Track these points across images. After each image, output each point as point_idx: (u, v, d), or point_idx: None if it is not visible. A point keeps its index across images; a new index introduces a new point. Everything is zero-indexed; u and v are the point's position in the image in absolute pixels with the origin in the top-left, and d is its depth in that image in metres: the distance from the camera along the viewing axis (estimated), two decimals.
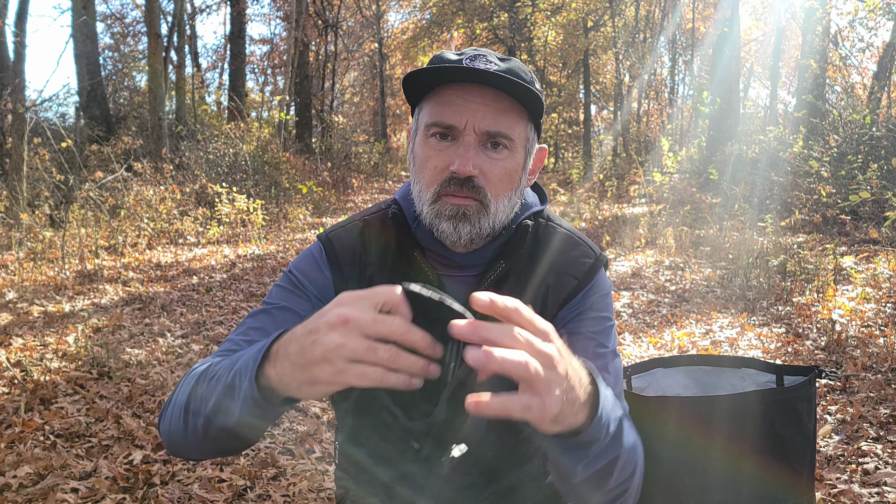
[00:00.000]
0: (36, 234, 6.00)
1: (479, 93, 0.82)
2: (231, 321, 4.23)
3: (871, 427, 2.59)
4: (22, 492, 2.10)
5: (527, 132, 0.87)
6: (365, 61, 25.78)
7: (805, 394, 1.13)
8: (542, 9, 17.65)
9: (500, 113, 0.83)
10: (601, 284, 0.94)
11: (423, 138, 0.86)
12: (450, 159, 0.83)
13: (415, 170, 0.89)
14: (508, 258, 0.90)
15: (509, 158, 0.85)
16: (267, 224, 8.37)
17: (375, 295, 0.57)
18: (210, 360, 0.81)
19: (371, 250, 0.93)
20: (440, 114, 0.83)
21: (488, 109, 0.82)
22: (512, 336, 0.54)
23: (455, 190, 0.83)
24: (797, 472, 1.12)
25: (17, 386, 2.91)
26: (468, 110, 0.82)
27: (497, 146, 0.84)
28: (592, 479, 0.70)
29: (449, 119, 0.82)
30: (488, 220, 0.86)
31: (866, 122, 7.59)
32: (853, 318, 3.99)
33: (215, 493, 2.17)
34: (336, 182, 12.91)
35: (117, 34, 18.68)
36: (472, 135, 0.82)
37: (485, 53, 0.85)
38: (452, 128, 0.83)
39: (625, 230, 7.87)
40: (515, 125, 0.85)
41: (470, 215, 0.84)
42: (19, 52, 7.83)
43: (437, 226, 0.86)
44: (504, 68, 0.83)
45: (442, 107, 0.83)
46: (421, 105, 0.88)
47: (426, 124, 0.85)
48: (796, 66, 13.64)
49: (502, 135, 0.83)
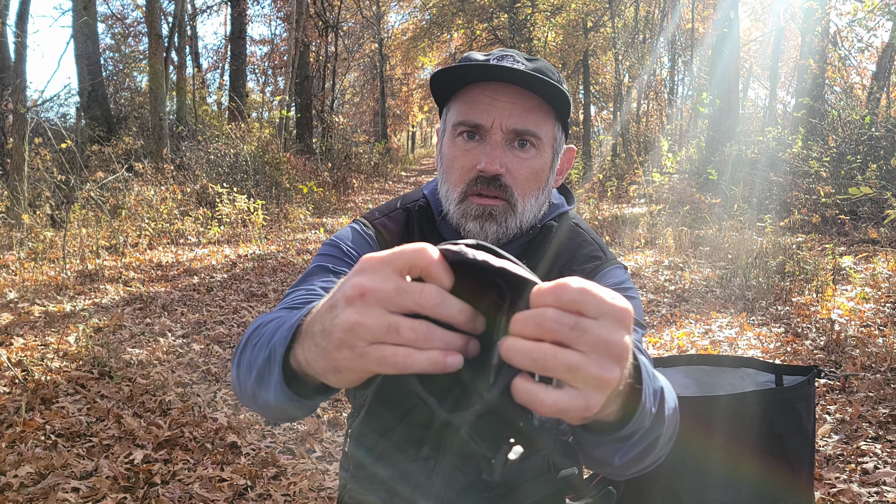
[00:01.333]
0: (37, 234, 6.01)
1: (506, 91, 0.82)
2: (232, 321, 4.24)
3: (870, 427, 2.59)
4: (23, 491, 2.10)
5: (554, 131, 0.87)
6: (365, 62, 25.78)
7: (804, 393, 1.13)
8: (541, 9, 17.66)
9: (527, 111, 0.83)
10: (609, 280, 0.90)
11: (451, 138, 0.86)
12: (477, 158, 0.83)
13: (442, 169, 0.88)
14: (532, 258, 0.90)
15: (537, 157, 0.85)
16: (267, 224, 8.37)
17: (399, 258, 0.45)
18: (273, 313, 0.74)
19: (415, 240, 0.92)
20: (467, 112, 0.83)
21: (515, 107, 0.82)
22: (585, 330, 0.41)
23: (482, 189, 0.83)
24: (796, 472, 1.12)
25: (18, 385, 2.92)
26: (495, 109, 0.82)
27: (524, 145, 0.84)
28: (631, 462, 0.61)
29: (476, 118, 0.82)
30: (515, 219, 0.85)
31: (865, 122, 7.60)
32: (852, 317, 4.00)
33: (216, 493, 2.17)
34: (336, 182, 12.91)
35: (118, 35, 18.69)
36: (500, 133, 0.82)
37: (512, 54, 0.85)
38: (480, 126, 0.83)
39: (624, 230, 7.87)
40: (543, 124, 0.84)
41: (496, 215, 0.84)
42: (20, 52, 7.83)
43: (464, 225, 0.85)
44: (532, 67, 0.83)
45: (469, 106, 0.83)
46: (449, 105, 0.88)
47: (454, 124, 0.85)
48: (795, 66, 13.65)
49: (530, 133, 0.83)
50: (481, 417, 0.46)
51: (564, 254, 0.92)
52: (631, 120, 17.77)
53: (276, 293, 5.04)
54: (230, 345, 3.78)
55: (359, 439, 0.97)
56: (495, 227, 0.84)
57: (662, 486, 1.12)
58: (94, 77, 11.04)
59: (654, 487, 1.13)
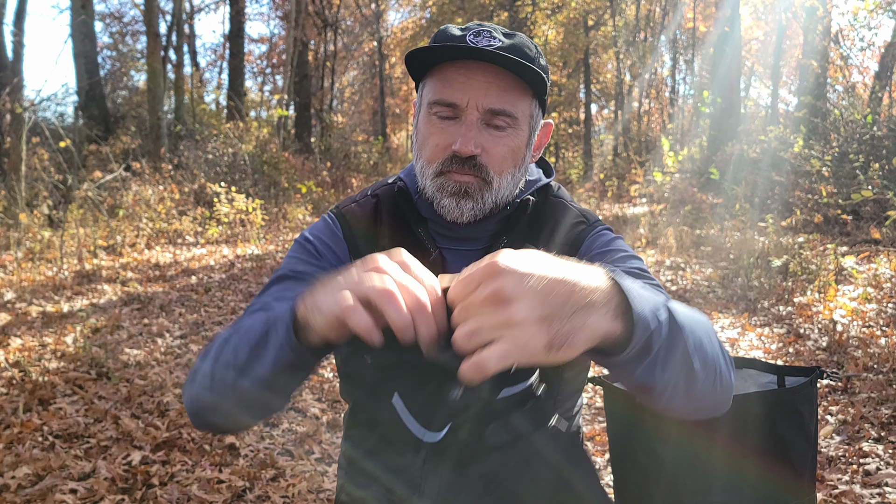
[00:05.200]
0: (34, 234, 5.99)
1: (481, 70, 0.81)
2: (230, 321, 4.23)
3: (873, 428, 2.58)
4: (20, 492, 2.09)
5: (531, 108, 0.86)
6: (364, 60, 25.78)
7: (806, 395, 1.12)
8: (542, 8, 17.65)
9: (503, 90, 0.82)
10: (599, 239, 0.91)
11: (426, 115, 0.85)
12: (452, 138, 0.83)
13: (417, 145, 0.88)
14: (510, 233, 0.90)
15: (513, 136, 0.84)
16: (266, 224, 8.36)
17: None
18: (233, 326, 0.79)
19: (383, 226, 0.93)
20: (442, 91, 0.82)
21: (491, 87, 0.81)
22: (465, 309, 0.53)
23: (457, 168, 0.83)
24: (798, 473, 1.11)
25: (15, 386, 2.90)
26: (471, 87, 0.81)
27: (500, 124, 0.83)
28: (677, 382, 0.64)
29: (451, 97, 0.82)
30: (491, 196, 0.85)
31: (867, 121, 7.58)
32: (854, 318, 3.98)
33: (214, 494, 2.16)
34: (335, 182, 12.90)
35: (116, 33, 18.68)
36: (475, 112, 0.82)
37: (490, 29, 0.84)
38: (455, 105, 0.82)
39: (625, 230, 7.86)
40: (519, 102, 0.84)
41: (472, 192, 0.84)
42: (18, 51, 7.83)
43: (439, 200, 0.85)
44: (508, 45, 0.82)
45: (444, 84, 0.82)
46: (424, 81, 0.87)
47: (429, 101, 0.84)
48: (797, 65, 13.64)
49: (505, 112, 0.82)
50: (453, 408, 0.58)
51: (547, 227, 0.92)
52: (632, 119, 17.76)
53: None
54: None
55: (348, 432, 0.98)
56: (471, 204, 0.84)
57: (664, 487, 1.11)
58: (91, 76, 11.03)
59: (656, 488, 1.12)
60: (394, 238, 0.90)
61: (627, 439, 1.16)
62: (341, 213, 0.95)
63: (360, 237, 0.92)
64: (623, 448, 1.18)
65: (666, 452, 1.09)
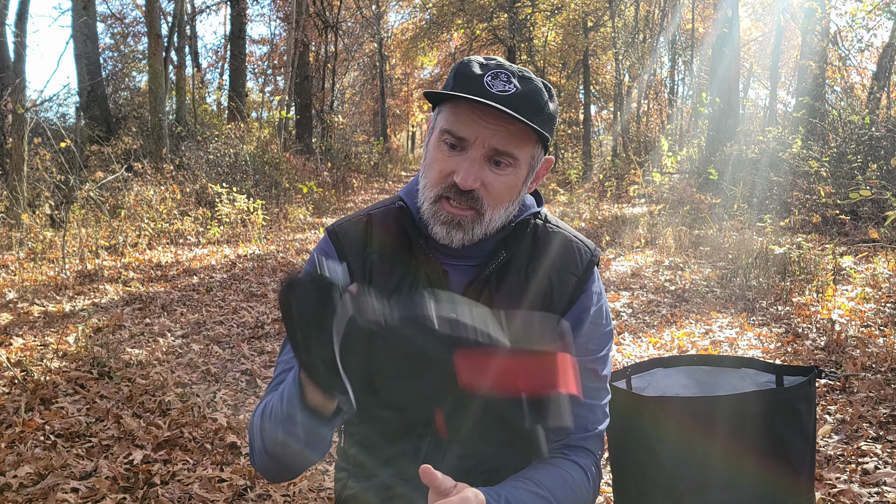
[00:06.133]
0: (36, 234, 6.00)
1: (493, 114, 0.85)
2: (231, 321, 4.24)
3: (871, 427, 2.59)
4: (22, 492, 2.10)
5: (533, 151, 0.91)
6: (365, 61, 25.77)
7: (805, 394, 1.13)
8: (541, 9, 17.65)
9: (511, 135, 0.87)
10: (598, 282, 1.01)
11: (437, 140, 0.90)
12: (455, 167, 0.88)
13: (424, 165, 0.94)
14: (509, 249, 0.95)
15: (512, 175, 0.90)
16: (267, 224, 8.37)
17: None
18: (265, 399, 0.94)
19: (374, 242, 0.98)
20: (454, 124, 0.87)
21: (499, 130, 0.86)
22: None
23: (455, 197, 0.88)
24: (797, 472, 1.12)
25: (17, 386, 2.91)
26: (481, 127, 0.86)
27: (500, 163, 0.88)
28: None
29: (461, 131, 0.87)
30: (482, 228, 0.91)
31: (866, 122, 7.59)
32: (853, 317, 3.99)
33: (215, 493, 2.17)
34: (336, 182, 12.91)
35: (117, 34, 18.67)
36: (481, 150, 0.87)
37: (508, 71, 0.88)
38: (463, 139, 0.87)
39: (624, 230, 7.87)
40: (524, 146, 0.89)
41: (464, 224, 0.89)
42: (20, 52, 7.83)
43: (432, 226, 0.91)
44: (521, 92, 0.86)
45: (457, 118, 0.87)
46: (441, 107, 0.92)
47: (441, 129, 0.89)
48: (796, 66, 13.65)
49: (509, 154, 0.88)
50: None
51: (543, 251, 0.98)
52: (631, 120, 17.76)
53: (276, 293, 5.03)
54: (229, 345, 3.77)
55: (347, 429, 1.02)
56: (461, 235, 0.90)
57: (663, 486, 1.12)
58: (93, 77, 11.04)
59: (655, 487, 1.13)
60: (384, 253, 0.97)
61: (626, 438, 1.17)
62: (335, 231, 1.00)
63: (352, 255, 0.98)
64: (622, 447, 1.19)
65: (665, 451, 1.10)
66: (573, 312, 0.96)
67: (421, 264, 0.94)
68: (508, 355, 0.73)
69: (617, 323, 4.29)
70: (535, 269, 0.96)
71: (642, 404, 1.13)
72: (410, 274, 0.95)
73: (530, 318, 0.79)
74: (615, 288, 5.32)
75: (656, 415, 1.11)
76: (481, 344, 0.72)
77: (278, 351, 3.72)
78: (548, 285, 0.95)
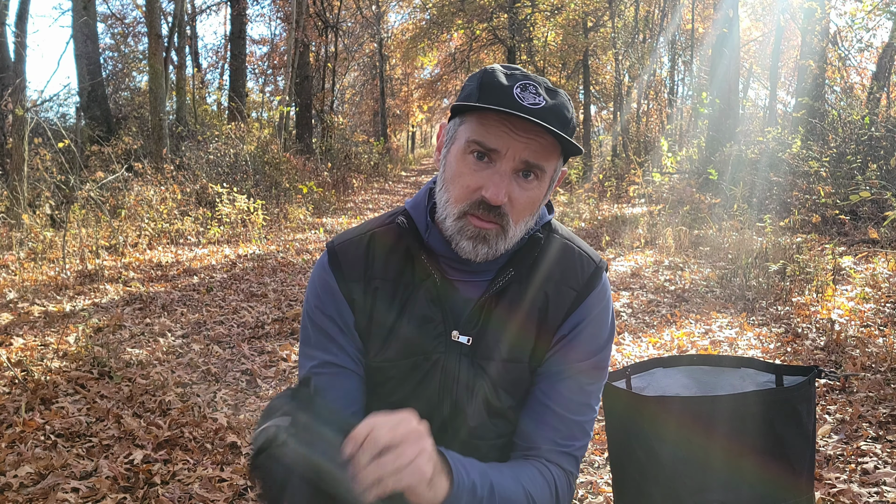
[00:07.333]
0: (37, 234, 6.00)
1: (524, 127, 0.84)
2: (231, 321, 4.24)
3: (871, 427, 2.59)
4: (22, 491, 2.10)
5: (557, 164, 0.91)
6: (365, 61, 25.77)
7: (804, 394, 1.13)
8: (541, 9, 17.65)
9: (542, 148, 0.86)
10: (601, 295, 0.97)
11: (462, 152, 0.88)
12: (482, 182, 0.86)
13: (444, 177, 0.91)
14: (517, 266, 0.94)
15: (537, 188, 0.89)
16: (267, 224, 8.37)
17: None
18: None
19: (376, 263, 0.96)
20: (485, 135, 0.85)
21: (531, 143, 0.85)
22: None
23: (482, 213, 0.87)
24: (797, 472, 1.12)
25: (17, 385, 2.92)
26: (513, 140, 0.84)
27: (528, 175, 0.87)
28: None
29: (493, 143, 0.85)
30: (505, 242, 0.90)
31: (865, 122, 7.59)
32: (852, 317, 4.00)
33: (216, 493, 2.17)
34: (336, 182, 12.91)
35: (118, 34, 18.67)
36: (511, 163, 0.85)
37: (535, 83, 0.87)
38: (495, 151, 0.85)
39: (624, 230, 7.87)
40: (551, 160, 0.89)
41: (489, 239, 0.88)
42: (20, 52, 7.84)
43: (458, 242, 0.89)
44: (551, 105, 0.85)
45: (487, 129, 0.85)
46: (464, 118, 0.89)
47: (468, 139, 0.87)
48: (795, 66, 13.65)
49: (539, 167, 0.87)
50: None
51: (550, 264, 0.97)
52: (631, 120, 17.76)
53: (276, 293, 5.04)
54: (230, 345, 3.78)
55: None
56: (486, 249, 0.89)
57: (663, 486, 1.12)
58: (93, 77, 11.04)
59: (655, 487, 1.13)
60: (386, 275, 0.95)
61: (626, 438, 1.17)
62: (336, 253, 0.98)
63: (354, 279, 0.96)
64: (622, 447, 1.19)
65: (664, 451, 1.10)
66: (567, 325, 0.95)
67: (423, 282, 0.93)
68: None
69: (617, 323, 4.29)
70: (534, 284, 0.95)
71: (642, 404, 1.13)
72: (414, 295, 0.94)
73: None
74: (615, 288, 5.33)
75: (656, 415, 1.11)
76: None
77: (278, 351, 3.72)
78: (544, 299, 0.94)
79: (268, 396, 3.04)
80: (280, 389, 3.12)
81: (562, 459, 0.95)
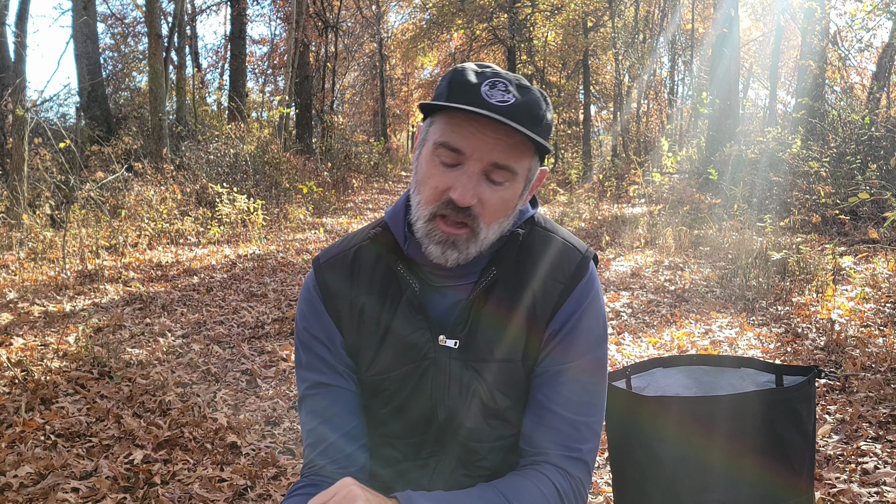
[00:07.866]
0: (37, 235, 6.00)
1: (491, 126, 0.82)
2: (231, 321, 4.24)
3: (871, 427, 2.59)
4: (22, 491, 2.10)
5: (530, 164, 0.88)
6: (365, 61, 25.77)
7: (804, 394, 1.13)
8: (541, 9, 17.66)
9: (510, 148, 0.83)
10: (589, 285, 0.94)
11: (430, 154, 0.86)
12: (451, 183, 0.84)
13: (416, 180, 0.89)
14: (499, 265, 0.92)
15: (509, 189, 0.86)
16: (267, 224, 8.38)
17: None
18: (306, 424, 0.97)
19: (361, 278, 0.95)
20: (450, 136, 0.83)
21: (499, 143, 0.82)
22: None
23: (451, 215, 0.84)
24: (797, 472, 1.12)
25: (17, 385, 2.92)
26: (479, 140, 0.82)
27: (499, 178, 0.85)
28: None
29: (458, 144, 0.83)
30: (476, 246, 0.87)
31: (865, 122, 7.59)
32: (852, 317, 4.00)
33: (216, 493, 2.17)
34: (336, 182, 12.92)
35: (118, 34, 18.68)
36: (479, 164, 0.83)
37: (505, 79, 0.84)
38: (460, 152, 0.83)
39: (624, 230, 7.87)
40: (522, 159, 0.85)
41: (459, 244, 0.86)
42: (20, 52, 7.84)
43: (426, 246, 0.87)
44: (520, 102, 0.83)
45: (453, 129, 0.83)
46: (434, 118, 0.87)
47: (435, 141, 0.85)
48: (795, 66, 13.65)
49: (508, 168, 0.84)
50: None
51: (535, 259, 0.94)
52: (631, 120, 17.77)
53: (276, 293, 5.04)
54: (230, 345, 3.78)
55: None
56: (456, 255, 0.87)
57: (663, 486, 1.12)
58: (93, 77, 11.04)
59: (655, 487, 1.13)
60: (371, 288, 0.94)
61: (626, 438, 1.17)
62: (322, 271, 0.97)
63: (340, 298, 0.95)
64: (622, 447, 1.19)
65: (664, 451, 1.10)
66: (557, 320, 0.92)
67: (405, 293, 0.92)
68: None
69: (617, 323, 4.29)
70: (520, 281, 0.92)
71: (642, 404, 1.13)
72: (399, 306, 0.92)
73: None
74: (615, 288, 5.33)
75: (656, 415, 1.11)
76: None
77: (278, 351, 3.71)
78: (531, 296, 0.92)
79: (268, 396, 3.04)
80: (280, 390, 3.12)
81: (570, 465, 0.91)
